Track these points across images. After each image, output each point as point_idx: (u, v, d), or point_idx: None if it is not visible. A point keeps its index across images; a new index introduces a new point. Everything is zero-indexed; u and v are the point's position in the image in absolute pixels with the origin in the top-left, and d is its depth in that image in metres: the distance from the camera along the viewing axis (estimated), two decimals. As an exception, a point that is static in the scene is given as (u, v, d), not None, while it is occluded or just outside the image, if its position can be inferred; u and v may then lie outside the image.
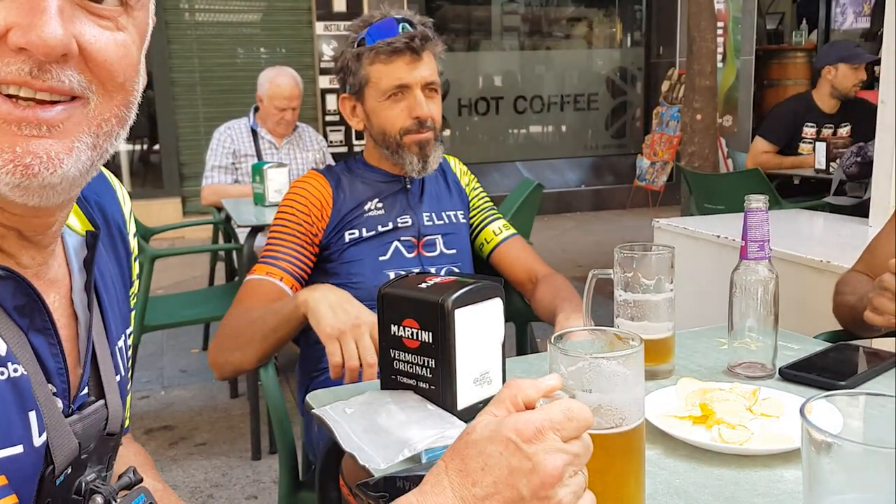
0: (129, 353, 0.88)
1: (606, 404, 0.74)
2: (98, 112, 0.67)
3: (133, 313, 0.92)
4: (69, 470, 0.71)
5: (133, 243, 0.92)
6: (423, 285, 1.08)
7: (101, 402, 0.76)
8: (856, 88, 4.36)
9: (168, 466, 2.85)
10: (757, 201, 1.18)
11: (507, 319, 2.03)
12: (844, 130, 4.40)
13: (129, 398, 0.93)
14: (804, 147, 4.42)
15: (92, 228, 0.81)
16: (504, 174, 8.16)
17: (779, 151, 4.49)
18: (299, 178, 1.79)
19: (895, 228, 1.65)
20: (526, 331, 2.09)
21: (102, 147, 0.69)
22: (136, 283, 0.94)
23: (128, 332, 0.87)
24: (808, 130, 4.41)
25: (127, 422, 0.97)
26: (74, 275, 0.77)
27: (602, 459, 0.72)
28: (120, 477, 0.78)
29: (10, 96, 0.62)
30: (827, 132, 4.39)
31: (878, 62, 4.86)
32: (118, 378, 0.80)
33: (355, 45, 1.71)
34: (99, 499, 0.73)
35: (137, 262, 0.94)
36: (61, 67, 0.63)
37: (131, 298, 0.92)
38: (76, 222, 0.81)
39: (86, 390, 0.76)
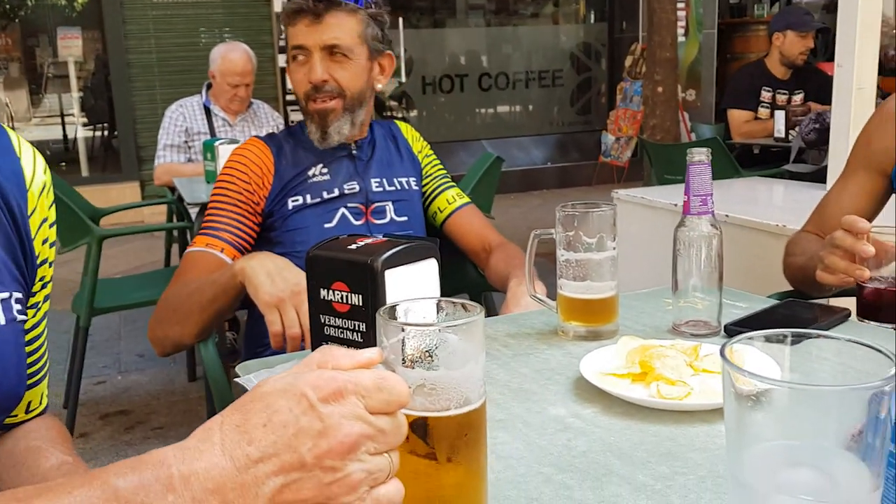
0: (15, 314, 0.82)
1: (431, 381, 0.63)
2: None
3: (46, 291, 0.87)
4: None
5: (40, 200, 0.87)
6: (353, 246, 1.03)
7: None
8: (802, 56, 4.40)
9: (124, 451, 2.79)
10: (699, 154, 1.15)
11: (461, 289, 2.01)
12: (798, 97, 4.44)
13: (45, 381, 0.88)
14: (762, 111, 4.45)
15: None
16: (470, 153, 8.11)
17: None
18: (239, 146, 1.73)
19: (845, 187, 1.63)
20: (481, 301, 2.05)
21: None
22: (47, 267, 0.89)
23: (12, 294, 0.82)
24: (766, 94, 4.45)
25: (44, 403, 0.93)
26: None
27: (422, 447, 0.63)
28: None
29: None
30: (782, 98, 4.42)
31: (827, 30, 4.92)
32: None
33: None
34: None
35: (47, 246, 0.90)
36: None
37: (38, 267, 0.87)
38: None
39: None
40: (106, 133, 7.67)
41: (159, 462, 0.55)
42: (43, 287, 0.92)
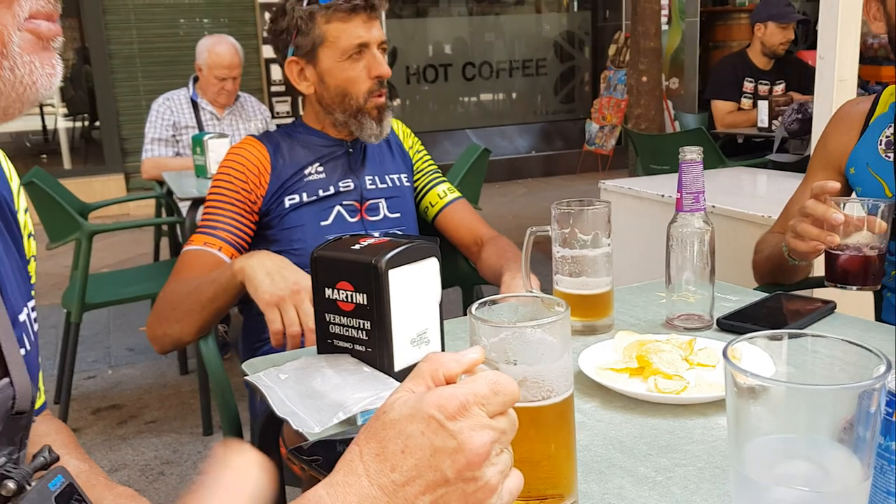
0: (36, 326, 0.84)
1: (532, 376, 0.69)
2: None
3: (33, 291, 0.88)
4: None
5: (24, 219, 0.87)
6: (357, 247, 1.06)
7: (6, 380, 0.72)
8: (783, 47, 4.47)
9: (117, 445, 2.80)
10: (691, 153, 1.18)
11: (453, 283, 2.04)
12: (779, 87, 4.50)
13: (41, 374, 0.89)
14: (744, 102, 4.52)
15: None
16: (454, 142, 8.13)
17: None
18: (235, 145, 1.74)
19: (807, 188, 1.70)
20: (472, 294, 2.08)
21: None
22: (32, 262, 0.89)
23: (30, 304, 0.83)
24: (748, 85, 4.51)
25: (42, 398, 0.93)
26: None
27: (530, 435, 0.68)
28: (34, 457, 0.73)
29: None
30: (763, 88, 4.48)
31: (806, 21, 4.95)
32: (24, 353, 0.76)
33: (304, 4, 1.65)
34: (11, 484, 0.67)
35: (33, 240, 0.90)
36: None
37: (29, 276, 0.88)
38: None
39: None
40: (87, 124, 7.61)
41: (317, 501, 0.58)
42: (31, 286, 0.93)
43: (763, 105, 4.22)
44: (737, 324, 1.21)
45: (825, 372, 0.65)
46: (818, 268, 1.60)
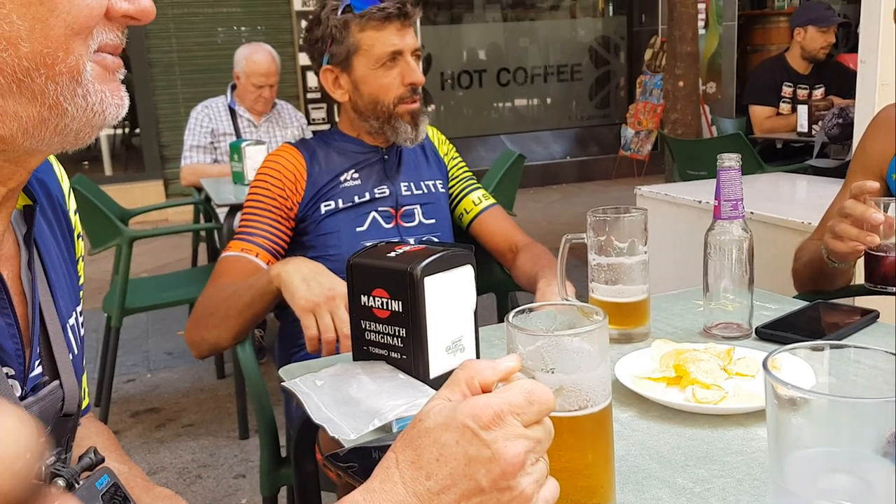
0: (82, 331, 0.85)
1: (569, 385, 0.68)
2: None
3: (81, 292, 0.90)
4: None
5: (74, 220, 0.89)
6: (392, 254, 1.06)
7: (57, 382, 0.74)
8: (824, 51, 4.41)
9: (155, 448, 2.84)
10: (730, 160, 1.16)
11: (487, 290, 2.04)
12: (819, 92, 4.43)
13: (84, 376, 0.91)
14: (783, 107, 4.46)
15: (30, 202, 0.77)
16: (489, 148, 8.13)
17: None
18: (272, 152, 1.76)
19: (846, 194, 1.67)
20: (507, 300, 2.08)
21: None
22: (80, 262, 0.91)
23: (78, 309, 0.85)
24: (786, 90, 4.45)
25: (86, 401, 0.95)
26: (22, 251, 0.75)
27: (567, 444, 0.68)
28: (80, 458, 0.75)
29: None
30: (802, 92, 4.42)
31: (847, 24, 4.90)
32: (71, 356, 0.78)
33: (338, 13, 1.67)
34: (60, 482, 0.70)
35: (81, 241, 0.92)
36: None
37: (79, 277, 0.90)
38: None
39: (39, 370, 0.73)
40: (127, 131, 7.75)
41: None
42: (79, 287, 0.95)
43: (803, 109, 4.16)
44: (776, 333, 1.19)
45: (868, 383, 0.63)
46: (860, 276, 1.57)
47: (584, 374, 0.69)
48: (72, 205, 0.89)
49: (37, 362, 0.73)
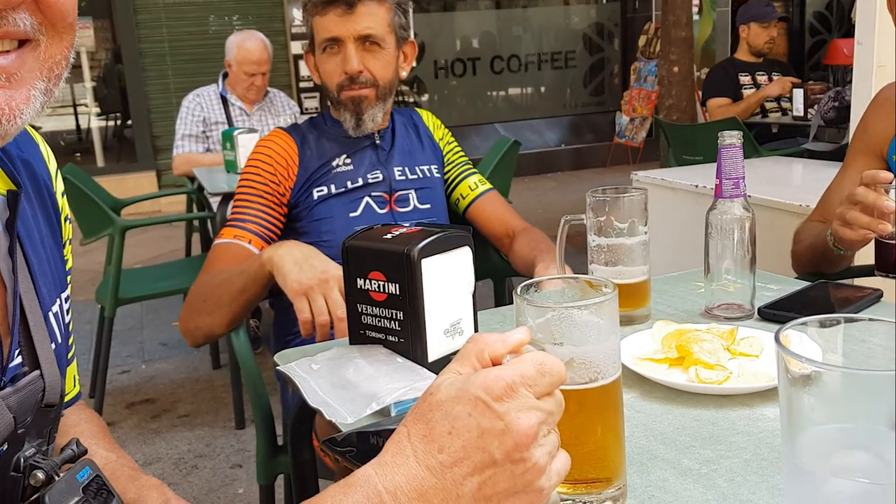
0: (69, 318, 0.83)
1: (579, 357, 0.67)
2: (49, 55, 0.64)
3: (69, 277, 0.87)
4: (5, 446, 0.67)
5: (61, 202, 0.86)
6: (388, 236, 1.04)
7: (37, 372, 0.71)
8: (768, 45, 4.56)
9: (151, 439, 2.82)
10: (731, 137, 1.14)
11: (484, 275, 2.01)
12: (778, 76, 4.54)
13: (72, 367, 0.88)
14: (746, 92, 4.52)
15: (14, 188, 0.74)
16: (483, 136, 8.09)
17: None
18: (263, 138, 1.74)
19: (846, 174, 1.66)
20: (504, 286, 2.06)
21: (52, 92, 0.66)
22: (68, 245, 0.88)
23: (64, 295, 0.82)
24: (744, 79, 4.61)
25: (75, 390, 0.93)
26: (0, 239, 0.72)
27: (577, 417, 0.67)
28: (62, 450, 0.73)
29: None
30: (762, 78, 4.52)
31: (786, 19, 5.06)
32: (54, 346, 0.75)
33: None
34: (40, 474, 0.68)
35: (69, 223, 0.89)
36: (14, 11, 0.60)
37: (66, 261, 0.87)
38: None
39: (18, 360, 0.71)
40: (119, 123, 7.70)
41: (365, 481, 0.59)
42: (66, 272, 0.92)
43: (798, 93, 4.15)
44: (779, 313, 1.17)
45: (878, 361, 0.62)
46: (859, 256, 1.55)
47: (593, 346, 0.68)
48: (59, 186, 0.87)
49: (16, 352, 0.71)
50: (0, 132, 0.60)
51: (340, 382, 0.95)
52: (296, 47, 6.95)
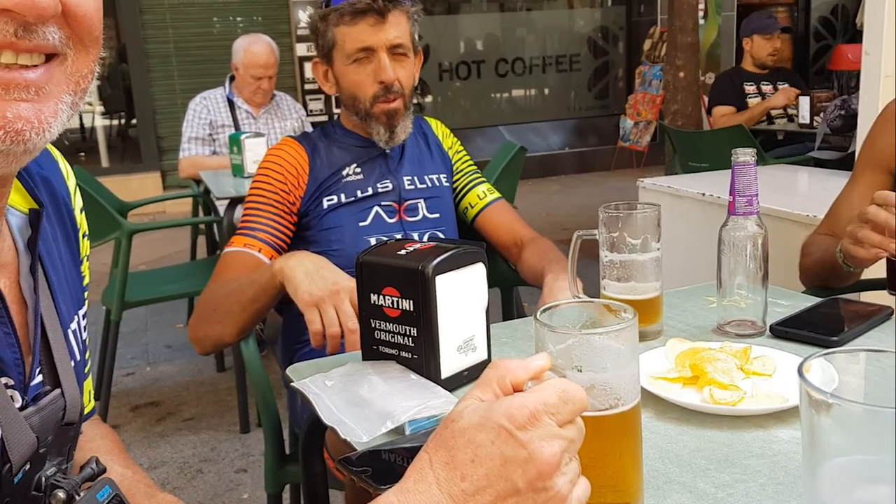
0: (86, 334, 0.83)
1: (600, 384, 0.68)
2: (76, 68, 0.64)
3: (86, 293, 0.87)
4: (27, 466, 0.67)
5: (80, 219, 0.87)
6: (403, 252, 1.04)
7: (58, 391, 0.71)
8: (772, 57, 4.59)
9: (156, 442, 2.82)
10: (744, 155, 1.14)
11: (492, 285, 2.00)
12: (783, 86, 4.55)
13: (87, 382, 0.88)
14: (751, 102, 4.53)
15: (35, 206, 0.75)
16: (487, 139, 8.09)
17: None
18: (273, 146, 1.74)
19: (854, 188, 1.65)
20: (512, 295, 2.06)
21: (77, 105, 0.66)
22: (85, 261, 0.88)
23: (81, 312, 0.82)
24: (750, 88, 4.63)
25: (90, 405, 0.93)
26: (21, 257, 0.72)
27: (596, 443, 0.67)
28: (82, 468, 0.73)
29: None
30: (766, 87, 4.54)
31: (789, 30, 5.10)
32: (73, 363, 0.76)
33: (323, 6, 1.67)
34: (61, 494, 0.69)
35: (86, 240, 0.89)
36: (44, 25, 0.60)
37: (83, 278, 0.88)
38: (17, 199, 0.75)
39: (39, 378, 0.71)
40: (124, 123, 7.70)
41: None
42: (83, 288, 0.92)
43: (804, 101, 4.15)
44: (791, 330, 1.17)
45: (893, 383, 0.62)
46: (868, 270, 1.55)
47: (613, 372, 0.68)
48: (78, 203, 0.87)
49: (37, 370, 0.71)
50: (29, 146, 0.60)
51: (354, 400, 0.95)
52: (301, 49, 6.96)
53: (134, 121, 7.18)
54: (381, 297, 1.03)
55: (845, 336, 1.16)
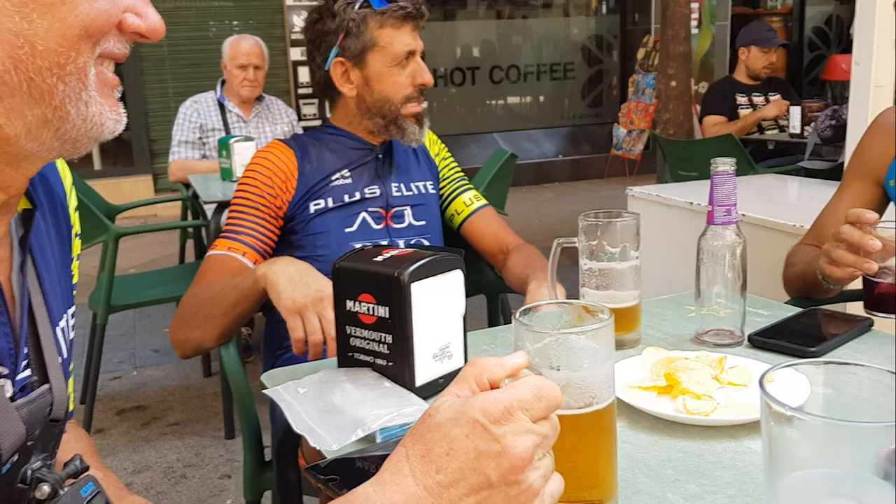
0: (72, 334, 0.83)
1: (575, 382, 0.69)
2: None
3: (74, 292, 0.88)
4: (15, 457, 0.68)
5: (74, 218, 0.88)
6: (379, 258, 1.04)
7: (47, 386, 0.73)
8: (766, 70, 4.58)
9: (140, 447, 2.81)
10: (724, 164, 1.14)
11: (478, 291, 2.01)
12: (774, 98, 4.55)
13: (71, 380, 0.89)
14: (743, 112, 4.54)
15: (29, 206, 0.76)
16: (481, 146, 8.10)
17: None
18: (262, 149, 1.73)
19: (842, 198, 1.66)
20: (497, 302, 2.06)
21: None
22: (76, 261, 0.89)
23: (70, 311, 0.83)
24: (741, 100, 4.63)
25: (71, 406, 0.93)
26: (14, 253, 0.73)
27: (572, 441, 0.68)
28: (66, 465, 0.74)
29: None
30: (758, 99, 4.54)
31: (787, 46, 5.13)
32: (60, 360, 0.77)
33: (356, 7, 1.64)
34: (45, 487, 0.70)
35: (78, 239, 0.89)
36: None
37: (72, 277, 0.88)
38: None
39: (27, 373, 0.72)
40: (117, 126, 7.68)
41: (363, 499, 0.61)
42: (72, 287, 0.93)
43: (795, 111, 4.16)
44: (769, 340, 1.17)
45: (867, 395, 0.61)
46: (854, 283, 1.55)
47: (589, 371, 0.69)
48: (73, 202, 0.88)
49: (23, 363, 0.72)
50: (108, 136, 0.70)
51: (326, 407, 0.94)
52: (295, 54, 6.95)
53: (127, 124, 7.16)
54: (357, 303, 1.03)
55: (824, 347, 1.16)
